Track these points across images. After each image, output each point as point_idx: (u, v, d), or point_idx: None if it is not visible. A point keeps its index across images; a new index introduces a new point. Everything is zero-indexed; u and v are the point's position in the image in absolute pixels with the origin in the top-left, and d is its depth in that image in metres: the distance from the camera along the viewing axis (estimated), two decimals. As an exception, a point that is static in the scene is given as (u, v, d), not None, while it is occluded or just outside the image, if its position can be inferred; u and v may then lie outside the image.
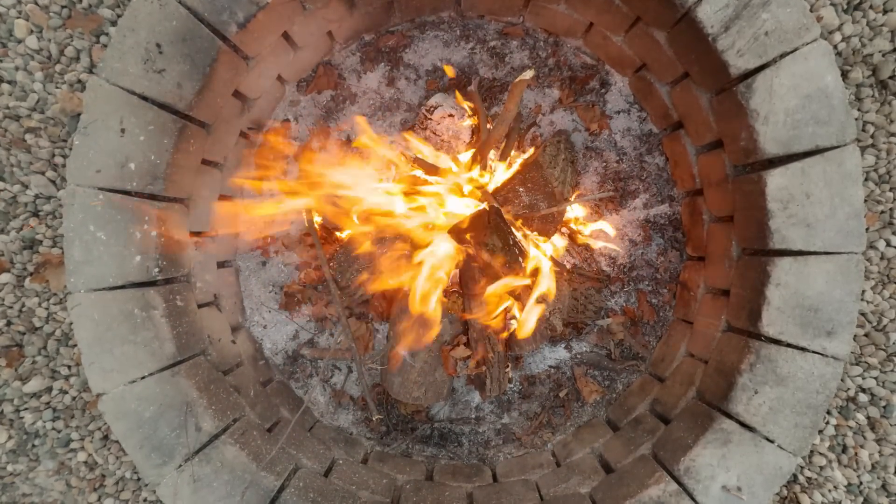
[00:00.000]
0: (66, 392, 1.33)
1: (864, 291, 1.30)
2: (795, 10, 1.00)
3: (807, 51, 1.00)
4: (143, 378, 1.06)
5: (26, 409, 1.31)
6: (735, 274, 1.19)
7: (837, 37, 1.24)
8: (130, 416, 1.05)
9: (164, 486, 1.05)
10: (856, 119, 1.26)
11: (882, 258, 1.30)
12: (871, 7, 1.24)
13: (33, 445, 1.32)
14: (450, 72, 1.43)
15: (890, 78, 1.24)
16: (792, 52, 1.01)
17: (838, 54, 1.25)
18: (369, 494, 1.21)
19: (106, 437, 1.34)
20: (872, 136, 1.27)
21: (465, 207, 1.31)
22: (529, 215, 1.35)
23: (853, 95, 1.26)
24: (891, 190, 1.28)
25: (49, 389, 1.32)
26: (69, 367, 1.32)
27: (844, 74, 1.25)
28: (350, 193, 1.29)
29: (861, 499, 1.31)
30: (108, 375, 1.04)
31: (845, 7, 1.24)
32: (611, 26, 1.34)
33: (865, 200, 1.27)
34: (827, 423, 1.32)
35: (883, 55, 1.25)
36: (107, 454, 1.33)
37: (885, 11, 1.24)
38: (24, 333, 1.30)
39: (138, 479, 1.34)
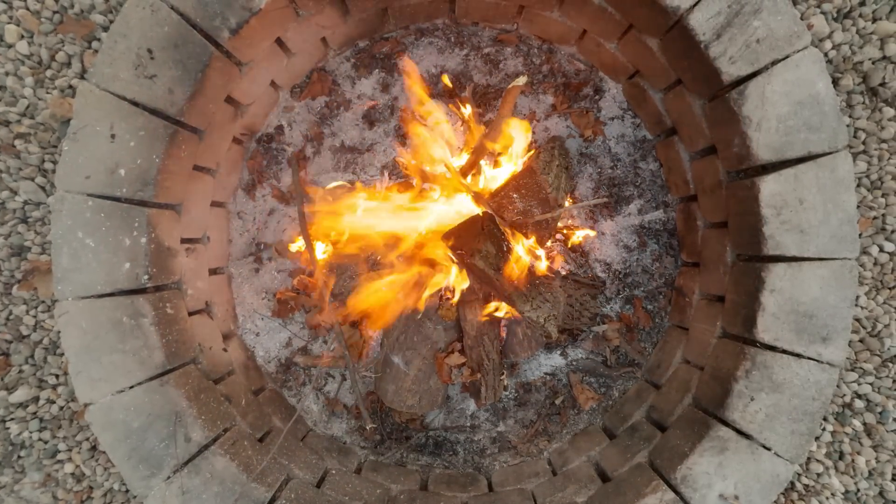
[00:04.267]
0: (53, 402, 1.30)
1: (858, 297, 1.30)
2: (786, 18, 1.00)
3: (798, 58, 1.01)
4: (131, 387, 1.04)
5: (12, 419, 1.29)
6: (730, 280, 1.19)
7: (828, 44, 1.25)
8: (118, 427, 1.03)
9: (153, 498, 1.03)
10: (847, 126, 1.27)
11: (875, 263, 1.30)
12: (860, 16, 1.25)
13: (19, 457, 1.30)
14: (446, 81, 1.43)
15: (880, 85, 1.26)
16: (783, 59, 1.01)
17: (829, 62, 1.26)
18: (362, 505, 1.19)
19: (94, 448, 1.31)
20: (864, 143, 1.28)
21: (459, 214, 1.30)
22: (523, 221, 1.35)
23: (844, 102, 1.27)
24: (883, 195, 1.29)
25: (36, 399, 1.30)
26: (57, 376, 1.30)
27: (835, 81, 1.26)
28: (341, 203, 1.29)
29: (859, 506, 1.30)
30: (96, 385, 1.02)
31: (835, 15, 1.25)
32: (604, 33, 1.34)
33: (858, 206, 1.27)
34: (823, 429, 1.32)
35: (873, 63, 1.26)
36: (95, 465, 1.31)
37: (874, 20, 1.25)
38: (10, 342, 1.28)
39: (127, 491, 1.31)
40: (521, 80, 1.30)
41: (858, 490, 1.30)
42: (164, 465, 1.04)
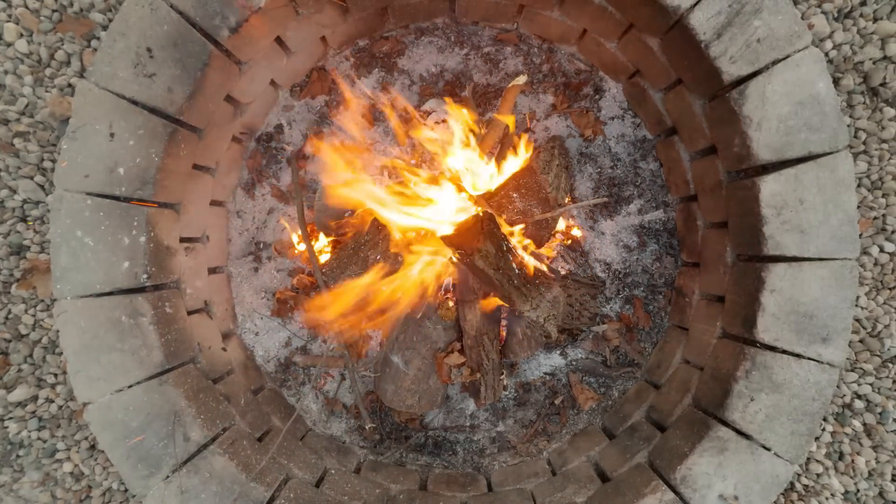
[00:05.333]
0: (52, 401, 1.30)
1: (858, 297, 1.30)
2: (787, 18, 1.00)
3: (798, 58, 1.01)
4: (130, 387, 1.03)
5: (11, 418, 1.28)
6: (730, 280, 1.19)
7: (829, 44, 1.25)
8: (117, 426, 1.03)
9: (151, 497, 1.03)
10: (848, 126, 1.27)
11: (876, 264, 1.30)
12: (861, 15, 1.25)
13: (18, 456, 1.29)
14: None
15: (881, 85, 1.25)
16: (784, 58, 1.01)
17: (829, 62, 1.26)
18: (361, 505, 1.19)
19: (93, 447, 1.31)
20: (864, 143, 1.28)
21: (459, 213, 1.30)
22: (523, 221, 1.35)
23: (845, 102, 1.27)
24: (883, 196, 1.29)
25: (35, 398, 1.30)
26: (56, 375, 1.30)
27: (836, 81, 1.26)
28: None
29: (858, 507, 1.30)
30: (95, 384, 1.02)
31: (836, 15, 1.25)
32: (604, 33, 1.34)
33: (858, 206, 1.27)
34: (823, 429, 1.32)
35: (874, 63, 1.26)
36: (93, 465, 1.31)
37: (875, 20, 1.25)
38: (9, 341, 1.28)
39: (125, 491, 1.31)
40: (521, 79, 1.30)
41: (858, 490, 1.30)
42: (162, 464, 1.03)
